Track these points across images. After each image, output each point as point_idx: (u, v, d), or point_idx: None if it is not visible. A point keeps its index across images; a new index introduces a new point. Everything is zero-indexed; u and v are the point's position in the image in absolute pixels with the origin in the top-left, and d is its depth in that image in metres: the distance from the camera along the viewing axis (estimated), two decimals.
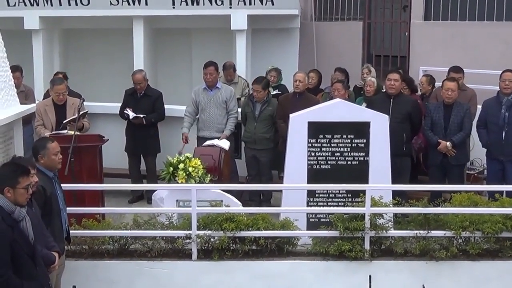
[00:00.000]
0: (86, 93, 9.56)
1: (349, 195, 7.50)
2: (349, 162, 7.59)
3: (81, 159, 7.58)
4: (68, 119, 8.10)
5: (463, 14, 12.79)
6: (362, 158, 7.58)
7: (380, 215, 6.83)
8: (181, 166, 7.59)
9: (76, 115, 7.93)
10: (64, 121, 8.10)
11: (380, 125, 7.57)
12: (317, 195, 7.56)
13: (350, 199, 7.46)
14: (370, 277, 6.77)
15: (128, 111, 9.12)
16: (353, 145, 7.58)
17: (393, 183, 7.50)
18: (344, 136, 7.57)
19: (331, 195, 7.57)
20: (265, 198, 9.11)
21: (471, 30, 12.52)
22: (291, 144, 7.63)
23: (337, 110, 7.67)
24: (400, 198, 7.07)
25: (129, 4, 11.82)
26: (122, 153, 9.36)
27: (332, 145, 7.58)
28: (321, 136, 7.56)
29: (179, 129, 9.24)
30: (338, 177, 7.39)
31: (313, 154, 7.58)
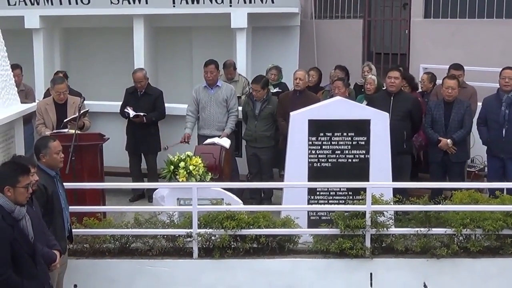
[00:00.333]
0: (87, 92, 9.56)
1: (350, 193, 7.50)
2: (349, 160, 7.59)
3: (82, 158, 7.59)
4: (68, 118, 8.12)
5: (463, 12, 12.79)
6: (362, 156, 7.58)
7: (380, 213, 6.83)
8: (182, 164, 7.59)
9: (77, 114, 7.94)
10: (64, 120, 8.11)
11: (381, 123, 7.58)
12: (317, 193, 7.56)
13: (351, 197, 7.47)
14: (371, 274, 6.78)
15: (128, 109, 9.13)
16: (353, 143, 7.58)
17: (393, 181, 7.51)
18: (345, 134, 7.57)
19: (331, 193, 7.57)
20: (266, 196, 9.12)
21: (471, 28, 12.52)
22: (291, 142, 7.64)
23: (337, 108, 7.68)
24: (400, 195, 7.06)
25: (129, 3, 11.82)
26: (123, 151, 9.37)
27: (333, 143, 7.58)
28: (321, 134, 7.57)
29: (180, 127, 9.24)
30: (339, 175, 7.40)
31: (313, 152, 7.58)
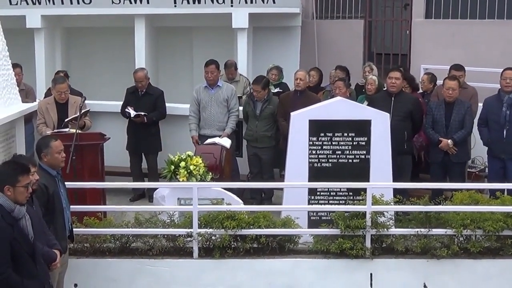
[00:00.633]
0: (88, 91, 9.55)
1: (350, 193, 7.50)
2: (350, 160, 7.59)
3: (83, 157, 7.60)
4: (69, 117, 8.13)
5: (464, 12, 12.80)
6: (363, 156, 7.58)
7: (381, 213, 6.83)
8: (182, 164, 7.59)
9: (78, 113, 7.95)
10: (66, 120, 8.12)
11: (381, 123, 7.58)
12: (318, 193, 7.56)
13: (351, 197, 7.47)
14: (371, 275, 6.78)
15: (129, 109, 9.13)
16: (354, 143, 7.58)
17: (394, 181, 7.51)
18: (345, 134, 7.57)
19: (332, 193, 7.57)
20: (267, 196, 9.13)
21: (472, 28, 12.52)
22: (292, 142, 7.64)
23: (338, 108, 7.68)
24: (401, 196, 7.06)
25: (130, 3, 11.83)
26: (123, 151, 9.38)
27: (333, 143, 7.58)
28: (322, 134, 7.57)
29: (181, 127, 9.25)
30: (339, 175, 7.40)
31: (314, 152, 7.58)
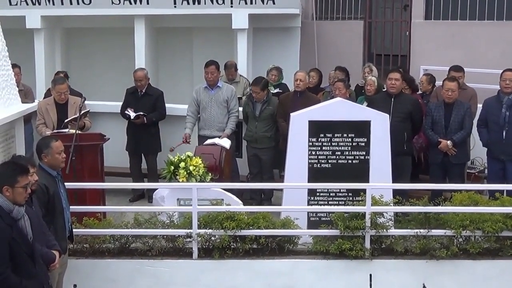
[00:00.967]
0: (88, 92, 9.57)
1: (350, 194, 7.51)
2: (349, 161, 7.59)
3: (83, 158, 7.60)
4: (69, 118, 8.13)
5: (463, 14, 12.82)
6: (362, 157, 7.59)
7: (380, 214, 6.83)
8: (182, 165, 7.59)
9: (78, 114, 7.95)
10: (65, 120, 8.12)
11: (381, 124, 7.58)
12: (317, 194, 7.57)
13: (351, 198, 7.47)
14: (371, 276, 6.78)
15: (129, 111, 9.12)
16: (353, 144, 7.58)
17: (393, 182, 7.51)
18: (345, 135, 7.58)
19: (331, 194, 7.57)
20: (266, 197, 9.12)
21: (471, 30, 12.55)
22: (291, 143, 7.64)
23: (337, 109, 7.68)
24: (400, 197, 7.07)
25: (130, 3, 11.85)
26: (123, 152, 9.37)
27: (333, 144, 7.59)
28: (321, 135, 7.57)
29: (181, 128, 9.25)
30: (339, 176, 7.40)
31: (313, 153, 7.59)
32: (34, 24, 11.96)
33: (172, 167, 7.65)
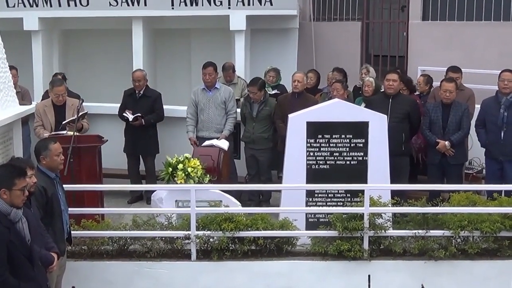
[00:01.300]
0: (85, 93, 9.56)
1: (348, 195, 7.51)
2: (348, 162, 7.60)
3: (81, 160, 7.60)
4: (67, 120, 8.13)
5: (460, 14, 12.84)
6: (360, 158, 7.59)
7: (379, 215, 6.84)
8: (180, 166, 7.60)
9: (76, 116, 7.94)
10: (63, 122, 8.12)
11: (379, 125, 7.59)
12: (316, 195, 7.57)
13: (349, 199, 7.47)
14: (369, 276, 6.78)
15: (127, 114, 9.11)
16: (351, 145, 7.59)
17: (392, 183, 7.52)
18: (343, 136, 7.58)
19: (330, 195, 7.58)
20: (264, 198, 9.12)
21: (469, 30, 12.56)
22: (290, 144, 7.65)
23: (335, 110, 7.69)
24: (398, 197, 7.08)
25: (128, 5, 11.82)
26: (121, 153, 9.37)
27: (331, 145, 7.59)
28: (320, 136, 7.58)
29: (179, 129, 9.25)
30: (337, 177, 7.41)
31: (312, 154, 7.59)
32: (31, 26, 11.94)
33: (170, 169, 7.65)
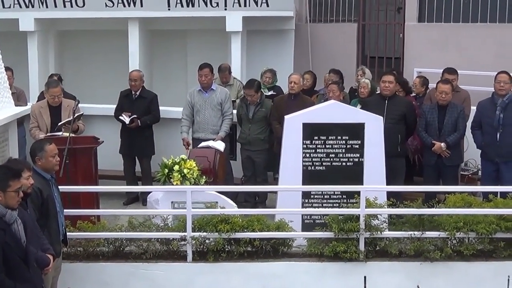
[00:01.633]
0: (81, 95, 9.54)
1: (344, 196, 7.51)
2: (343, 164, 7.60)
3: (76, 161, 7.58)
4: (63, 121, 8.11)
5: (456, 16, 12.86)
6: (356, 160, 7.60)
7: (374, 216, 6.84)
8: (176, 167, 7.59)
9: (71, 117, 7.93)
10: (59, 123, 8.10)
11: (375, 126, 7.59)
12: (312, 197, 7.57)
13: (345, 200, 7.47)
14: (365, 278, 6.78)
15: (124, 117, 9.10)
16: (347, 146, 7.59)
17: (387, 184, 7.52)
18: (339, 138, 7.58)
19: (326, 196, 7.58)
20: (260, 199, 9.13)
21: (464, 32, 12.59)
22: (286, 146, 7.64)
23: (331, 111, 7.69)
24: (394, 199, 7.09)
25: (124, 6, 11.83)
26: (117, 155, 9.36)
27: (327, 146, 7.59)
28: (316, 137, 7.58)
29: (174, 130, 9.24)
30: (333, 178, 7.41)
31: (308, 155, 7.59)
32: (27, 27, 11.93)
33: (166, 170, 7.64)
